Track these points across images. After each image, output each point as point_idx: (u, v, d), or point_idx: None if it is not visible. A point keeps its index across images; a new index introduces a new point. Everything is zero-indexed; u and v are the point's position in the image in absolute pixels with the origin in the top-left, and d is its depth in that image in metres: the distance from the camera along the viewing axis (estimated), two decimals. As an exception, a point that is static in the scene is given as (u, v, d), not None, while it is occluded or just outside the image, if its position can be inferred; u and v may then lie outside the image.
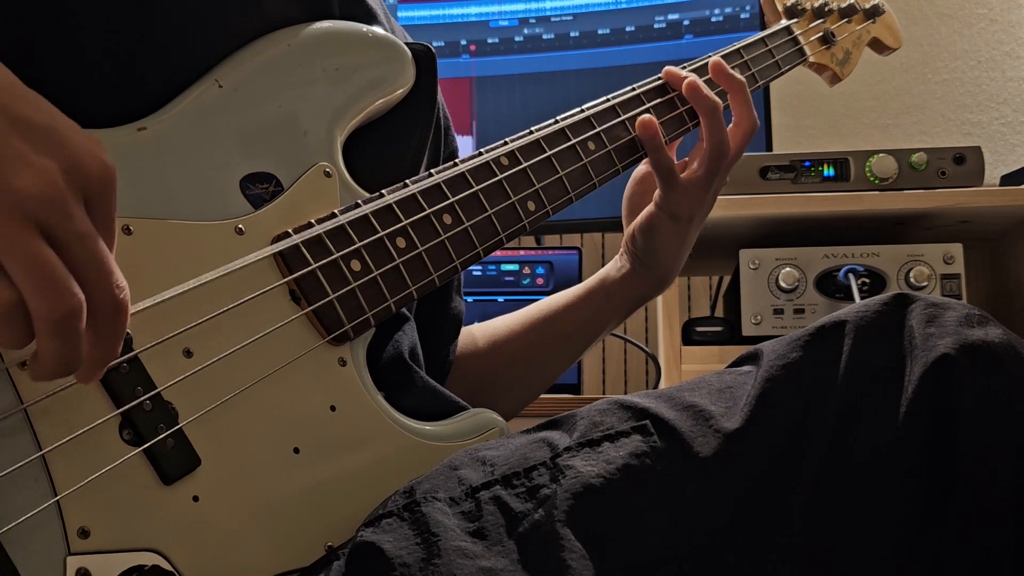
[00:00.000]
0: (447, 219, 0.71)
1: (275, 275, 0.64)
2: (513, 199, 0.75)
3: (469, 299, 1.68)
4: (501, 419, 0.73)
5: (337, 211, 0.67)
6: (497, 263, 1.70)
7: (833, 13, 1.04)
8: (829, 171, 1.39)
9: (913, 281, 1.33)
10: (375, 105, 0.73)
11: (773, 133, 1.67)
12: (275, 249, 0.64)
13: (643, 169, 0.92)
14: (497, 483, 0.59)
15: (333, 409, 0.64)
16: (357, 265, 0.66)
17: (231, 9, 0.69)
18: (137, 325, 0.57)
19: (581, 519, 0.56)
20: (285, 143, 0.68)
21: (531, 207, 0.76)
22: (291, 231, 0.65)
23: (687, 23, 1.72)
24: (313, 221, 0.66)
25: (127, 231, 0.59)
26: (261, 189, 0.66)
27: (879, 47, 1.10)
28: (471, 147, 1.74)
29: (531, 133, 0.79)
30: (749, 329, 1.35)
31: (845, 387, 0.59)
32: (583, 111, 0.83)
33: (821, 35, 1.03)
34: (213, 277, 0.60)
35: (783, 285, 1.34)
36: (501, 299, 1.68)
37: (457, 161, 0.74)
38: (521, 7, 1.79)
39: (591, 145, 0.82)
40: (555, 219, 0.81)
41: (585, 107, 0.83)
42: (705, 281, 1.96)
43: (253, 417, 0.61)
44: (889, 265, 1.34)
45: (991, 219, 1.41)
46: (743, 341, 1.35)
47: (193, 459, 0.58)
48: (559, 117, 0.81)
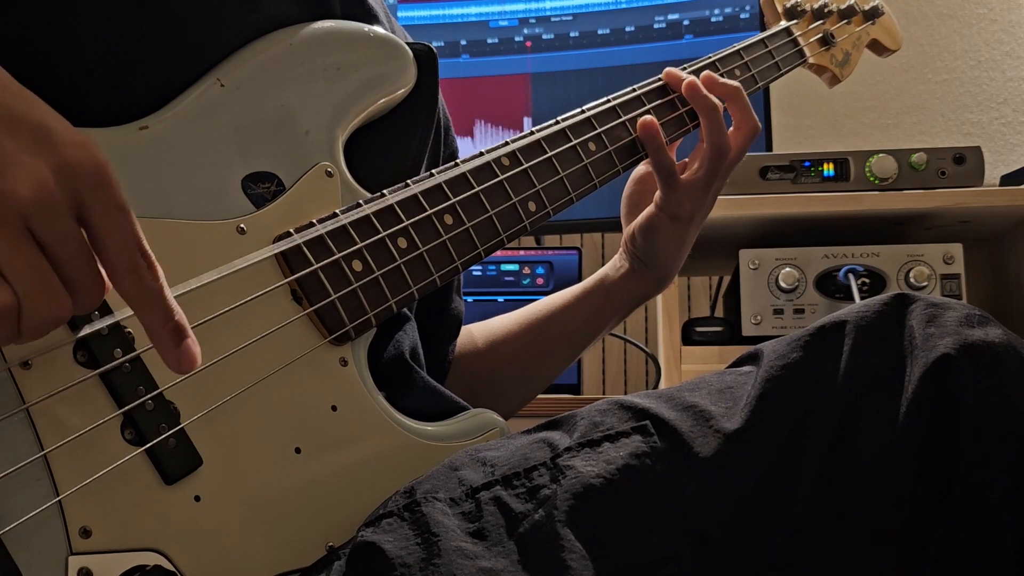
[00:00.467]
0: (448, 219, 0.71)
1: (277, 275, 0.64)
2: (514, 199, 0.75)
3: (469, 299, 1.68)
4: (501, 419, 0.73)
5: (339, 211, 0.67)
6: (497, 263, 1.70)
7: (833, 15, 1.05)
8: (829, 171, 1.39)
9: (913, 281, 1.33)
10: (377, 105, 0.73)
11: (773, 133, 1.67)
12: (277, 249, 0.64)
13: (643, 169, 0.92)
14: (497, 483, 0.59)
15: (334, 409, 0.64)
16: (359, 265, 0.66)
17: (232, 8, 0.69)
18: (138, 325, 0.57)
19: (581, 519, 0.56)
20: (287, 142, 0.68)
21: (532, 207, 0.77)
22: (293, 231, 0.65)
23: (687, 23, 1.72)
24: (315, 221, 0.66)
25: None
26: (263, 188, 0.66)
27: (878, 48, 1.10)
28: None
29: (532, 134, 0.79)
30: (749, 329, 1.35)
31: (845, 387, 0.59)
32: (584, 112, 0.83)
33: (821, 36, 1.03)
34: (215, 277, 0.60)
35: (783, 285, 1.34)
36: (501, 299, 1.68)
37: (458, 161, 0.74)
38: (521, 7, 1.79)
39: (592, 146, 0.82)
40: (555, 219, 0.81)
41: (586, 108, 0.83)
42: (705, 281, 1.96)
43: (254, 417, 0.61)
44: (889, 265, 1.34)
45: (991, 219, 1.41)
46: (743, 341, 1.35)
47: (195, 459, 0.58)
48: (560, 118, 0.81)
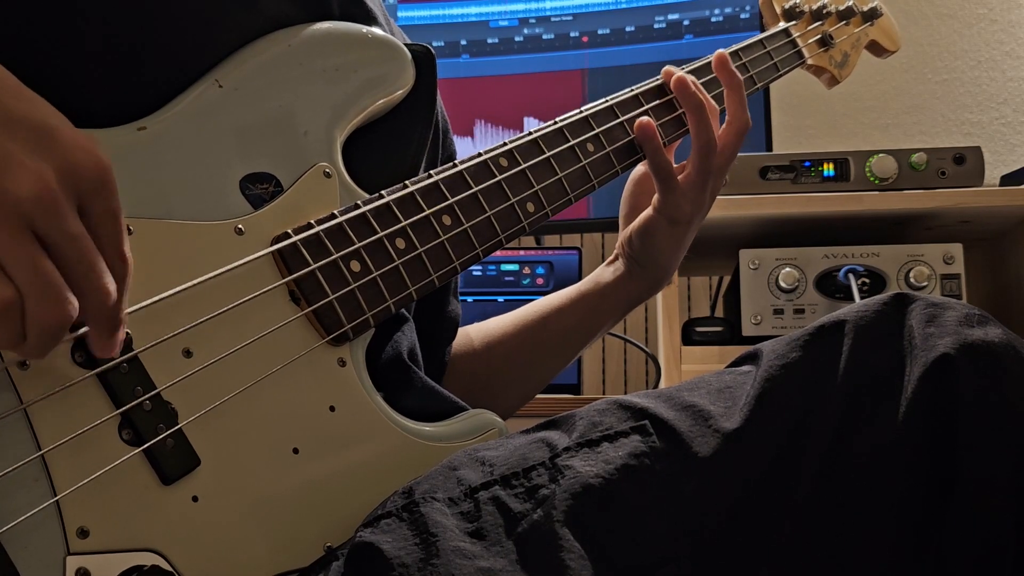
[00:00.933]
0: (446, 220, 0.71)
1: (275, 275, 0.64)
2: (512, 200, 0.75)
3: (469, 299, 1.68)
4: (500, 420, 0.73)
5: (337, 211, 0.67)
6: (497, 263, 1.70)
7: (831, 16, 1.05)
8: (829, 171, 1.39)
9: (913, 281, 1.33)
10: (375, 106, 0.73)
11: (773, 133, 1.67)
12: (275, 249, 0.64)
13: (642, 170, 0.92)
14: (496, 483, 0.59)
15: (332, 409, 0.64)
16: (357, 266, 0.66)
17: (231, 9, 0.69)
18: (137, 325, 0.57)
19: (580, 519, 0.56)
20: (285, 143, 0.68)
21: (530, 208, 0.76)
22: (291, 231, 0.65)
23: (687, 23, 1.72)
24: (313, 222, 0.66)
25: (127, 231, 0.59)
26: (261, 189, 0.66)
27: (877, 49, 1.10)
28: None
29: (530, 134, 0.79)
30: (749, 329, 1.35)
31: (845, 387, 0.59)
32: (582, 112, 0.83)
33: (819, 37, 1.03)
34: (212, 277, 0.60)
35: (783, 285, 1.34)
36: (501, 299, 1.68)
37: (456, 162, 0.74)
38: (521, 7, 1.79)
39: (590, 146, 0.82)
40: (555, 219, 0.81)
41: (584, 108, 0.83)
42: (705, 281, 1.96)
43: (252, 417, 0.61)
44: (889, 265, 1.34)
45: (991, 219, 1.41)
46: (743, 341, 1.35)
47: (193, 459, 0.58)
48: (558, 118, 0.81)
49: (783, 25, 1.01)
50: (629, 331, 1.96)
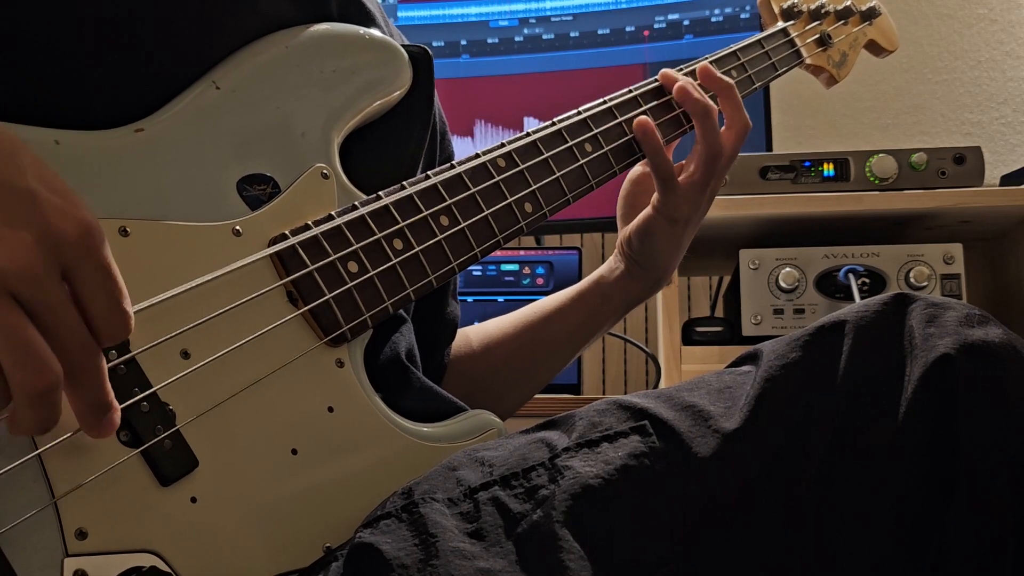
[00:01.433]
0: (444, 220, 0.71)
1: (272, 276, 0.64)
2: (510, 200, 0.75)
3: (469, 299, 1.68)
4: (499, 420, 0.73)
5: (334, 212, 0.67)
6: (497, 263, 1.70)
7: (829, 15, 1.05)
8: (829, 171, 1.39)
9: (913, 281, 1.33)
10: (372, 107, 0.73)
11: (773, 133, 1.67)
12: (273, 250, 0.64)
13: (640, 170, 0.92)
14: (496, 484, 0.59)
15: (331, 410, 0.64)
16: (354, 266, 0.66)
17: (229, 11, 0.69)
18: (134, 326, 0.57)
19: (579, 520, 0.56)
20: (282, 145, 0.68)
21: (528, 208, 0.76)
22: (288, 232, 0.65)
23: (687, 23, 1.72)
24: (310, 223, 0.66)
25: (124, 232, 0.59)
26: (258, 191, 0.66)
27: (875, 49, 1.10)
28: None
29: (528, 135, 0.79)
30: (749, 329, 1.35)
31: (845, 387, 0.59)
32: (580, 113, 0.83)
33: (817, 37, 1.03)
34: (210, 278, 0.60)
35: (783, 285, 1.34)
36: (501, 299, 1.68)
37: (454, 163, 0.74)
38: (521, 7, 1.79)
39: (588, 147, 0.82)
40: (555, 219, 0.81)
41: (582, 108, 0.83)
42: (705, 281, 1.96)
43: (251, 418, 0.61)
44: (889, 265, 1.34)
45: (991, 219, 1.41)
46: (743, 341, 1.35)
47: (191, 460, 0.58)
48: (556, 119, 0.81)
49: (781, 25, 1.01)
50: (629, 331, 1.96)
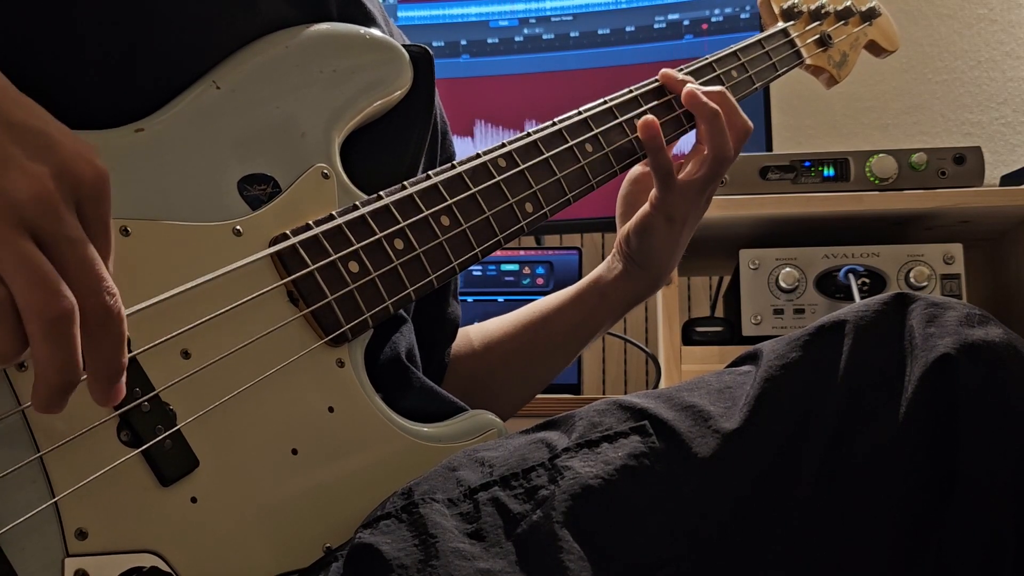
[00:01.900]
0: (445, 221, 0.71)
1: (273, 276, 0.64)
2: (511, 201, 0.75)
3: (469, 299, 1.68)
4: (499, 420, 0.73)
5: (335, 212, 0.67)
6: (497, 263, 1.70)
7: (830, 16, 1.05)
8: (829, 171, 1.39)
9: (913, 281, 1.33)
10: (373, 107, 0.73)
11: (773, 133, 1.67)
12: (274, 250, 0.64)
13: (639, 169, 0.92)
14: (495, 484, 0.59)
15: (331, 410, 0.64)
16: (355, 266, 0.66)
17: (229, 11, 0.69)
18: (135, 326, 0.57)
19: (579, 520, 0.56)
20: (283, 145, 0.68)
21: (529, 209, 0.76)
22: (289, 232, 0.65)
23: (687, 23, 1.72)
24: (311, 223, 0.66)
25: (125, 232, 0.59)
26: (259, 190, 0.66)
27: (875, 49, 1.10)
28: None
29: (529, 135, 0.79)
30: (749, 329, 1.35)
31: (845, 387, 0.59)
32: (580, 113, 0.83)
33: (817, 37, 1.03)
34: (211, 278, 0.60)
35: (783, 285, 1.34)
36: (501, 299, 1.68)
37: (455, 163, 0.74)
38: (521, 7, 1.79)
39: (589, 147, 0.82)
40: (555, 219, 0.81)
41: (582, 109, 0.83)
42: (705, 281, 1.96)
43: (251, 418, 0.61)
44: (889, 265, 1.34)
45: (991, 219, 1.41)
46: (743, 341, 1.35)
47: (191, 460, 0.58)
48: (556, 119, 0.81)
49: (781, 25, 1.01)
50: (629, 331, 1.96)
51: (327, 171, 0.69)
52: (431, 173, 0.72)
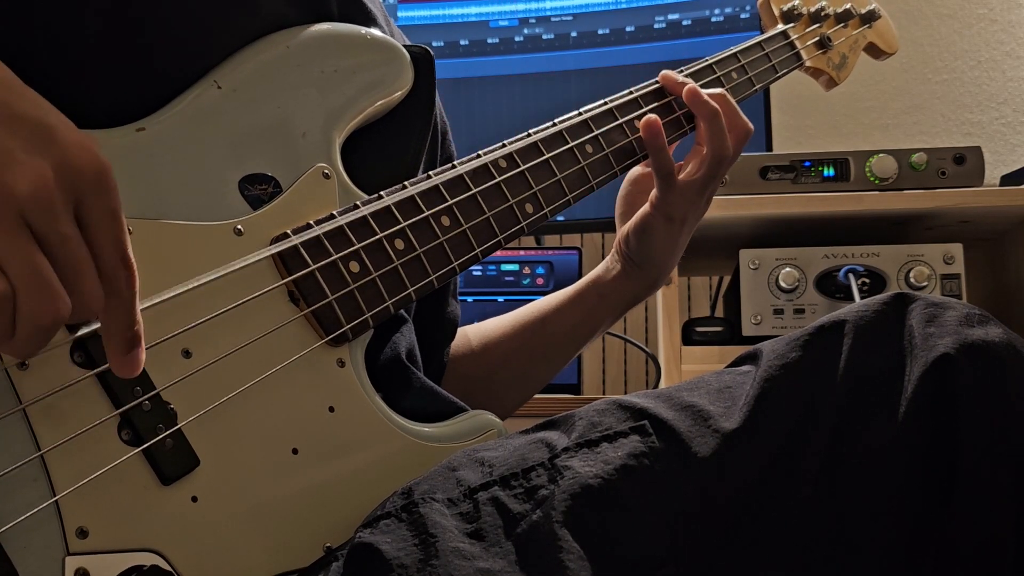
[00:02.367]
0: (445, 221, 0.71)
1: (274, 276, 0.64)
2: (511, 201, 0.75)
3: (469, 299, 1.68)
4: (499, 420, 0.73)
5: (336, 212, 0.67)
6: (497, 263, 1.70)
7: (829, 18, 1.05)
8: (829, 171, 1.39)
9: (913, 281, 1.33)
10: (373, 107, 0.73)
11: (773, 133, 1.67)
12: (275, 250, 0.64)
13: (638, 170, 0.92)
14: (495, 484, 0.59)
15: (331, 410, 0.64)
16: (356, 266, 0.66)
17: (230, 11, 0.69)
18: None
19: (579, 520, 0.56)
20: (283, 144, 0.68)
21: (529, 209, 0.77)
22: (290, 232, 0.65)
23: (687, 23, 1.72)
24: (312, 223, 0.66)
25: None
26: (260, 190, 0.66)
27: (875, 52, 1.10)
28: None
29: (528, 136, 0.79)
30: (749, 329, 1.35)
31: (845, 387, 0.59)
32: (581, 114, 0.83)
33: (817, 40, 1.03)
34: (213, 278, 0.60)
35: (783, 285, 1.34)
36: (501, 299, 1.68)
37: (455, 163, 0.74)
38: (521, 7, 1.79)
39: (589, 148, 0.82)
40: (555, 219, 0.81)
41: (583, 110, 0.83)
42: (705, 281, 1.96)
43: (252, 418, 0.61)
44: (889, 265, 1.34)
45: (991, 219, 1.41)
46: (743, 341, 1.35)
47: (192, 459, 0.58)
48: (557, 120, 0.81)
49: (781, 27, 1.01)
50: (629, 331, 1.96)
51: (328, 171, 0.69)
52: (432, 173, 0.72)
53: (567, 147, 0.80)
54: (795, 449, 0.58)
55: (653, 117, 0.84)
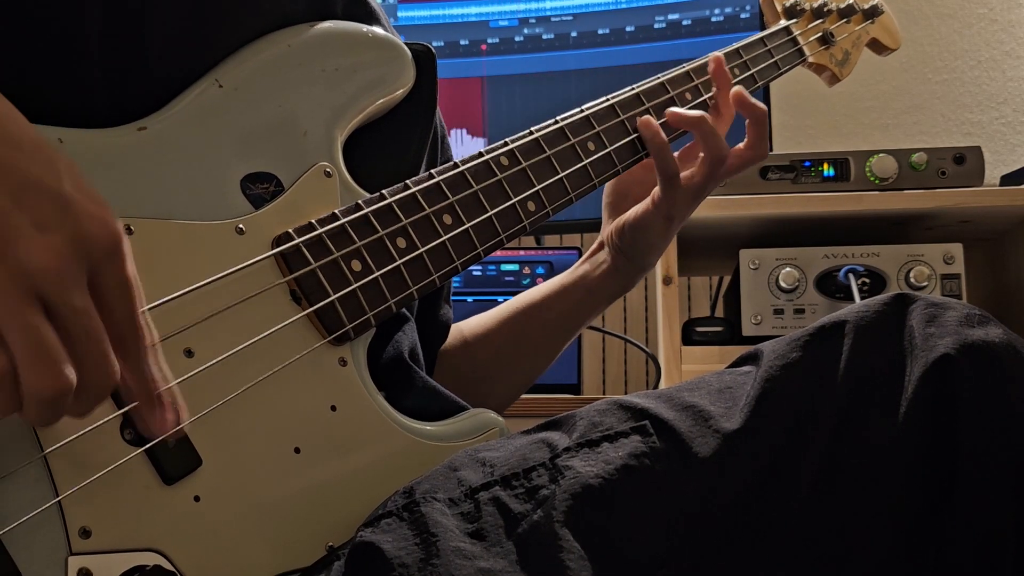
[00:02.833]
0: (447, 219, 0.71)
1: (276, 276, 0.64)
2: (513, 200, 0.75)
3: (469, 299, 1.68)
4: (500, 419, 0.73)
5: (338, 211, 0.67)
6: (497, 263, 1.70)
7: (832, 13, 1.05)
8: (829, 171, 1.39)
9: (913, 281, 1.33)
10: (375, 105, 0.73)
11: (773, 133, 1.67)
12: (278, 251, 0.64)
13: None
14: (496, 484, 0.59)
15: (334, 409, 0.64)
16: (358, 265, 0.66)
17: (232, 10, 0.69)
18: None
19: (580, 520, 0.56)
20: (285, 143, 0.68)
21: (531, 207, 0.76)
22: (292, 232, 0.65)
23: (687, 23, 1.72)
24: (314, 221, 0.66)
25: (128, 231, 0.59)
26: (261, 189, 0.66)
27: (878, 47, 1.10)
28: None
29: (531, 134, 0.79)
30: (749, 329, 1.35)
31: (845, 387, 0.59)
32: (583, 111, 0.83)
33: (820, 35, 1.03)
34: (219, 278, 0.60)
35: (783, 285, 1.34)
36: (501, 299, 1.67)
37: (457, 161, 0.74)
38: (521, 7, 1.79)
39: (591, 145, 0.82)
40: (555, 219, 0.81)
41: (585, 107, 0.83)
42: (705, 281, 1.96)
43: (254, 417, 0.61)
44: (889, 265, 1.34)
45: (991, 219, 1.41)
46: (743, 341, 1.35)
47: (194, 459, 0.58)
48: (559, 117, 0.81)
49: (784, 23, 1.01)
50: (629, 331, 1.96)
51: (330, 170, 0.69)
52: (434, 172, 0.72)
53: (569, 144, 0.80)
54: (795, 449, 0.58)
55: (647, 118, 0.84)
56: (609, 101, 0.84)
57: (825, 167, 1.39)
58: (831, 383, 0.59)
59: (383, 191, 0.70)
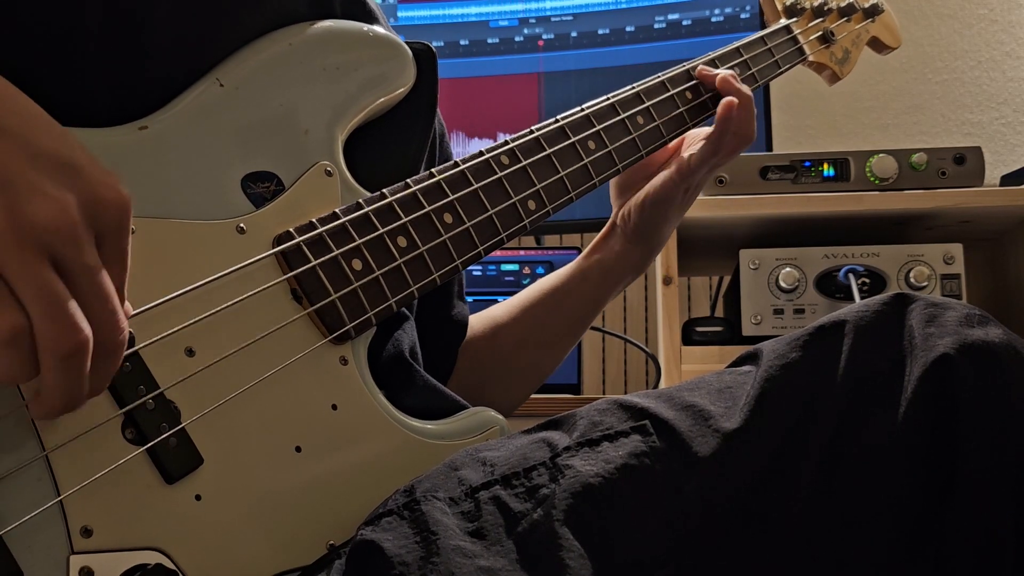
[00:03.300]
0: (448, 218, 0.72)
1: (277, 274, 0.64)
2: (514, 198, 0.75)
3: (469, 299, 1.67)
4: (501, 417, 0.73)
5: (338, 210, 0.67)
6: (497, 263, 1.70)
7: (832, 12, 1.05)
8: (829, 171, 1.39)
9: (913, 281, 1.33)
10: (376, 104, 0.73)
11: (773, 133, 1.67)
12: (278, 250, 0.64)
13: None
14: (497, 483, 0.59)
15: (334, 408, 0.64)
16: (358, 264, 0.67)
17: (232, 9, 0.69)
18: (140, 324, 0.57)
19: (580, 519, 0.56)
20: (286, 142, 0.68)
21: (532, 206, 0.77)
22: (293, 231, 0.65)
23: (687, 23, 1.72)
24: (314, 220, 0.66)
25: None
26: (262, 188, 0.66)
27: (878, 46, 1.10)
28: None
29: (531, 132, 0.79)
30: (749, 329, 1.35)
31: (845, 387, 0.59)
32: (583, 110, 0.83)
33: (820, 34, 1.03)
34: (219, 277, 0.61)
35: (783, 285, 1.34)
36: (501, 299, 1.68)
37: (458, 160, 0.74)
38: (521, 7, 1.79)
39: (591, 144, 0.82)
40: (555, 219, 0.81)
41: (585, 106, 0.83)
42: (705, 281, 1.97)
43: (255, 416, 0.61)
44: (889, 265, 1.34)
45: (991, 219, 1.41)
46: (743, 341, 1.35)
47: (195, 458, 0.58)
48: (559, 116, 0.81)
49: (784, 22, 1.01)
50: (629, 331, 1.96)
51: (330, 168, 0.69)
52: (434, 170, 0.72)
53: (569, 143, 0.80)
54: (795, 449, 0.58)
55: (729, 72, 0.87)
56: (609, 100, 0.85)
57: (825, 167, 1.39)
58: (831, 383, 0.60)
59: (384, 190, 0.70)
